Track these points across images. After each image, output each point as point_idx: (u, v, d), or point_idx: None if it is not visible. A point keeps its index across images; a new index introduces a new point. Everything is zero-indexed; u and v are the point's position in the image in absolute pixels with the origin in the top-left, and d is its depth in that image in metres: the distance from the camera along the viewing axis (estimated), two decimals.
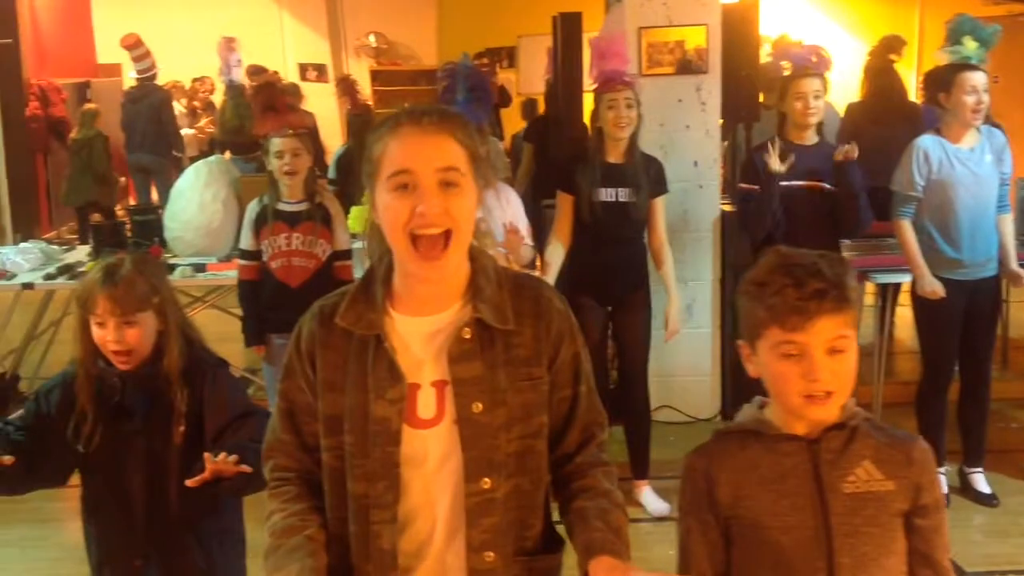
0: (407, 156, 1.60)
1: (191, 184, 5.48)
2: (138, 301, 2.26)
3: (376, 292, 1.68)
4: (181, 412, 2.31)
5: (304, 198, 4.18)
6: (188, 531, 2.37)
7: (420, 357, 1.66)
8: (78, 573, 3.75)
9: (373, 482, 1.64)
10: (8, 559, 4.17)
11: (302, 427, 1.73)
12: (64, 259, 5.58)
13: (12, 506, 4.60)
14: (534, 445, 1.69)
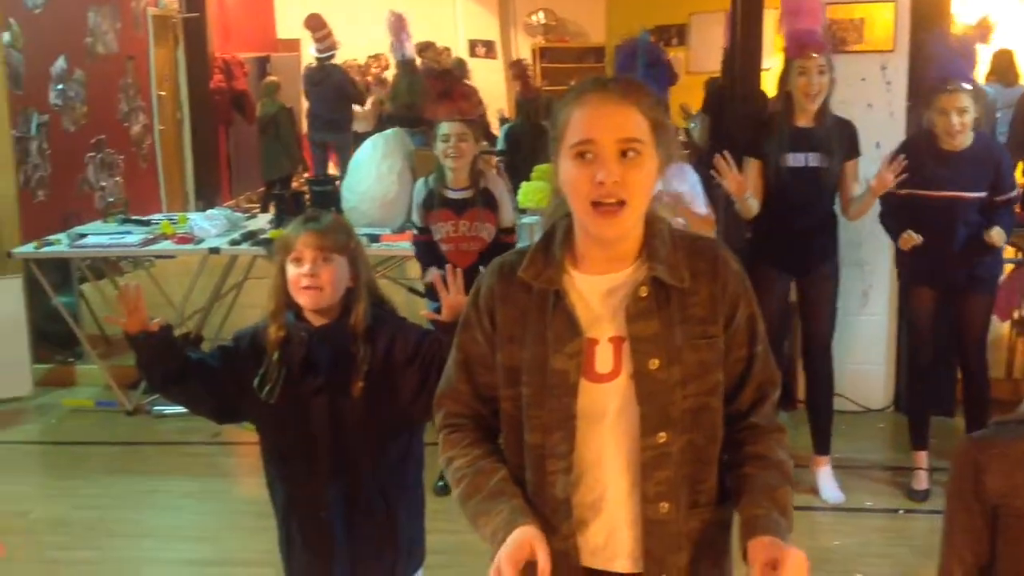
0: (590, 125, 1.64)
1: (369, 156, 5.62)
2: (336, 242, 2.35)
3: (556, 251, 1.73)
4: (362, 370, 2.36)
5: (469, 184, 4.23)
6: (373, 487, 2.42)
7: (598, 313, 1.70)
8: (255, 526, 3.96)
9: (549, 433, 1.69)
10: (187, 511, 4.39)
11: (477, 377, 1.79)
12: (247, 226, 5.81)
13: (190, 459, 4.87)
14: (709, 402, 1.71)
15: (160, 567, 3.85)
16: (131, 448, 5.05)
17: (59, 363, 6.07)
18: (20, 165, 6.84)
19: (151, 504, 4.39)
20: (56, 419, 5.45)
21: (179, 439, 5.11)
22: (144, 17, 9.55)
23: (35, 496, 4.47)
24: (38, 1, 7.62)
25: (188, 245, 5.52)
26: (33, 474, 4.81)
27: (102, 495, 4.48)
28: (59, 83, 7.95)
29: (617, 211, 1.63)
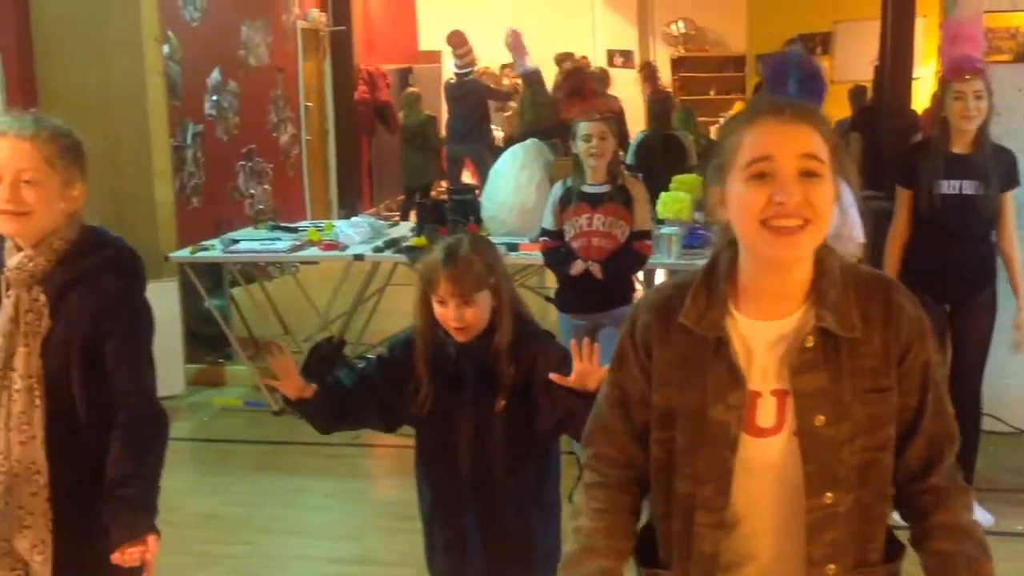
0: (767, 143, 1.54)
1: (508, 166, 5.69)
2: (476, 282, 2.36)
3: (719, 288, 1.63)
4: (506, 385, 2.40)
5: (607, 180, 4.23)
6: (510, 499, 2.46)
7: (762, 363, 1.60)
8: (396, 527, 4.06)
9: (701, 484, 1.61)
10: (331, 510, 4.51)
11: (634, 416, 1.70)
12: (390, 234, 5.95)
13: (333, 460, 5.00)
14: (879, 458, 1.61)
15: (306, 563, 3.97)
16: (277, 447, 5.23)
17: (210, 363, 6.32)
18: (176, 173, 7.16)
19: (297, 502, 4.53)
20: (207, 417, 5.68)
21: (322, 440, 5.18)
22: (294, 30, 9.88)
23: (186, 491, 4.66)
24: (195, 15, 7.97)
25: (334, 252, 5.68)
26: (185, 470, 5.01)
27: (250, 492, 4.65)
28: (214, 94, 8.29)
29: (797, 232, 1.52)
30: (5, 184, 2.00)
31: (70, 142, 2.09)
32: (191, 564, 3.90)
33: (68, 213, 2.08)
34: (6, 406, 2.07)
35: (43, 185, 2.01)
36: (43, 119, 2.08)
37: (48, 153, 2.02)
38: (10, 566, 2.12)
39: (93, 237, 2.15)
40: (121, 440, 2.09)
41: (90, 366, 2.08)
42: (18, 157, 2.00)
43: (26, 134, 2.01)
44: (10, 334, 2.07)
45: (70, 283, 2.08)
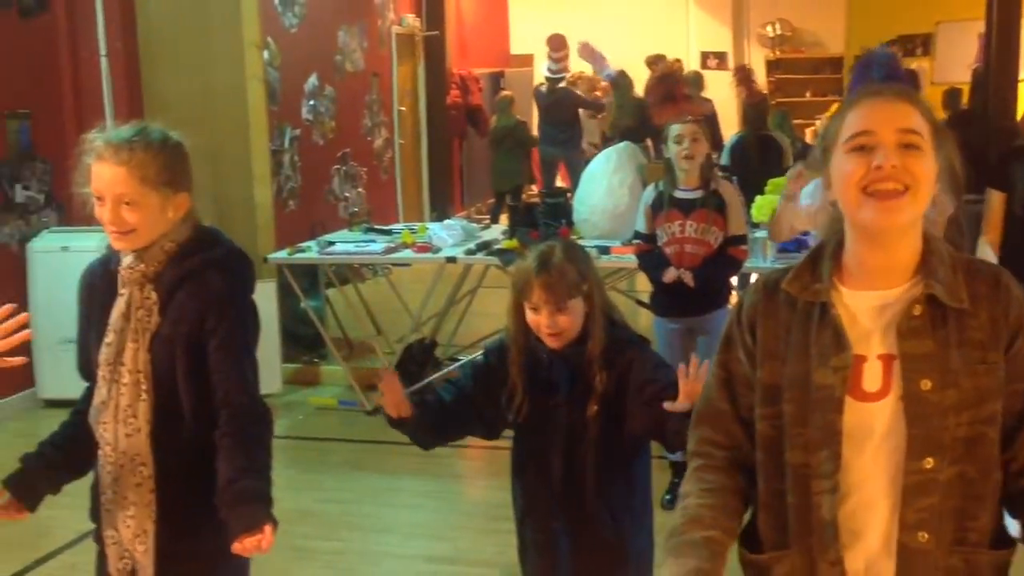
0: (866, 118, 1.59)
1: (600, 169, 5.68)
2: (569, 289, 2.37)
3: (823, 266, 1.66)
4: (598, 391, 2.40)
5: (699, 185, 4.19)
6: (600, 504, 2.45)
7: (867, 328, 1.62)
8: (487, 528, 4.08)
9: (813, 451, 1.62)
10: (424, 509, 4.56)
11: (739, 398, 1.73)
12: (482, 236, 5.98)
13: (425, 460, 4.98)
14: (986, 432, 1.59)
15: (399, 561, 4.02)
16: (371, 446, 5.29)
17: (305, 363, 6.43)
18: (274, 176, 7.31)
19: (390, 501, 4.58)
20: (303, 416, 5.78)
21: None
22: (389, 36, 10.01)
23: (283, 487, 4.66)
24: (294, 21, 8.13)
25: (427, 254, 5.74)
26: (281, 467, 5.00)
27: (344, 490, 4.72)
28: (311, 99, 8.45)
29: (897, 197, 1.55)
30: (108, 208, 2.07)
31: (168, 154, 2.13)
32: (288, 559, 3.97)
33: (173, 220, 2.14)
34: (115, 399, 2.13)
35: (142, 204, 2.07)
36: (139, 136, 2.11)
37: (143, 174, 2.07)
38: (119, 555, 2.18)
39: (205, 237, 2.21)
40: (229, 438, 2.14)
41: (194, 362, 2.14)
42: (116, 183, 2.06)
43: (122, 158, 2.06)
44: (121, 330, 2.13)
45: (178, 281, 2.14)
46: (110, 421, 2.14)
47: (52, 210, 5.99)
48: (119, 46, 6.01)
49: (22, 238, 5.77)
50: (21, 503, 2.06)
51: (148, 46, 6.11)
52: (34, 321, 6.30)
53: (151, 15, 6.08)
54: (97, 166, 2.08)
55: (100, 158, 2.07)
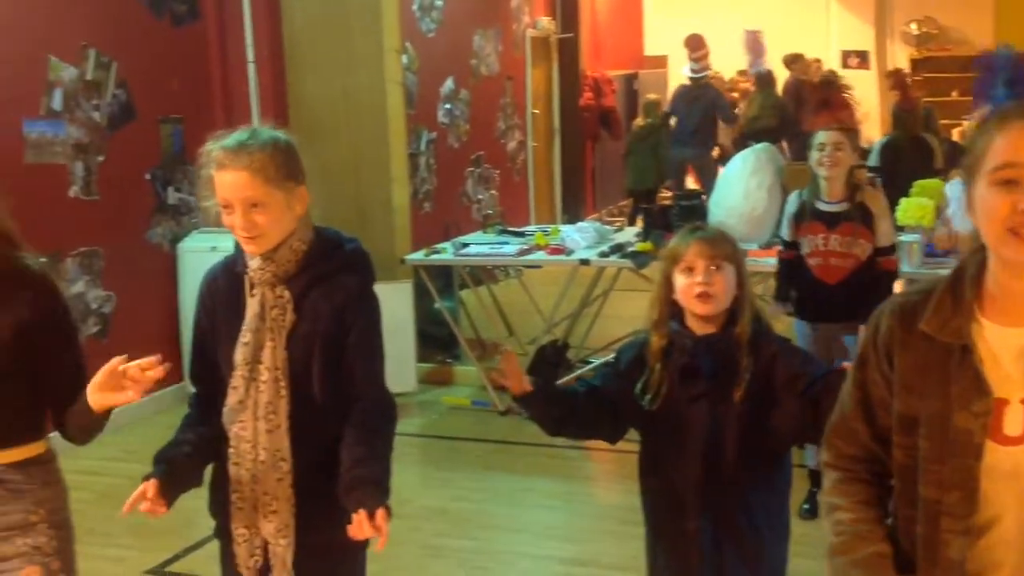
0: (1015, 147, 1.50)
1: (738, 171, 5.60)
2: (725, 250, 2.38)
3: (965, 294, 1.60)
4: (744, 378, 2.36)
5: (844, 197, 4.09)
6: (741, 502, 2.41)
7: (1009, 371, 1.56)
8: (621, 531, 4.06)
9: (947, 490, 1.58)
10: (557, 511, 4.57)
11: (876, 419, 1.69)
12: (615, 239, 5.97)
13: (557, 462, 5.06)
14: None
15: (532, 562, 4.04)
16: (503, 446, 5.34)
17: (439, 363, 6.52)
18: (410, 179, 7.43)
19: (522, 501, 4.61)
20: (436, 415, 5.87)
21: (546, 442, 5.26)
22: (523, 39, 10.07)
23: (417, 485, 4.83)
24: (431, 26, 8.26)
25: (560, 256, 5.75)
26: (415, 465, 5.19)
27: (478, 489, 4.77)
28: (447, 102, 8.57)
29: None
30: (237, 214, 2.11)
31: (282, 151, 2.17)
32: (422, 555, 4.04)
33: (299, 215, 2.19)
34: (254, 397, 2.18)
35: (269, 205, 2.12)
36: (252, 138, 2.15)
37: (266, 175, 2.11)
38: (250, 551, 2.23)
39: (330, 238, 2.27)
40: (355, 427, 2.18)
41: (330, 359, 2.19)
42: (242, 187, 2.10)
43: (243, 162, 2.10)
44: (257, 330, 2.18)
45: (312, 282, 2.20)
46: (249, 419, 2.19)
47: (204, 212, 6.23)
48: (265, 53, 6.21)
49: (173, 238, 6.01)
50: (164, 499, 2.09)
51: (293, 52, 6.29)
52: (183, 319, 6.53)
53: (296, 22, 6.26)
54: (220, 175, 2.11)
55: (221, 166, 2.11)
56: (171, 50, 5.97)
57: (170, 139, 5.99)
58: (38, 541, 2.11)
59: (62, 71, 5.26)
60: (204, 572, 3.92)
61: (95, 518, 2.12)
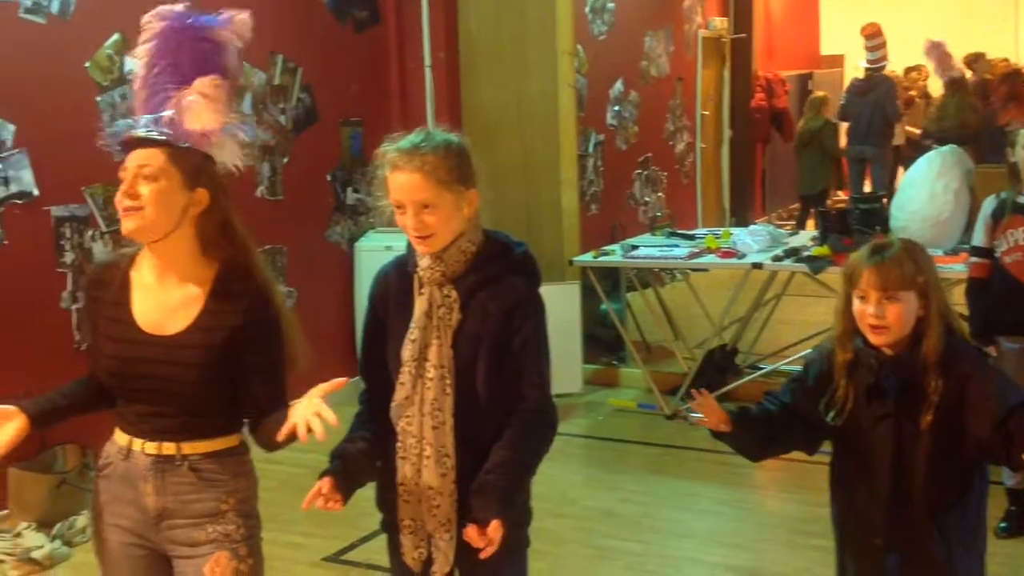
0: None
1: (923, 174, 5.39)
2: (901, 279, 2.27)
3: None
4: (933, 401, 2.28)
5: None
6: (931, 522, 2.34)
7: None
8: (792, 541, 4.00)
9: None
10: (725, 517, 4.52)
11: None
12: (789, 243, 5.84)
13: (724, 468, 4.98)
14: None
15: (701, 568, 4.00)
16: (669, 450, 5.30)
17: (605, 364, 6.52)
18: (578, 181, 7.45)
19: (690, 506, 4.57)
20: (602, 416, 5.87)
21: (713, 447, 5.18)
22: (695, 40, 9.96)
23: (583, 486, 4.84)
24: (603, 28, 8.27)
25: (732, 259, 5.66)
26: (581, 465, 5.21)
27: (645, 492, 4.75)
28: (615, 104, 8.56)
29: None
30: (409, 214, 2.17)
31: (454, 153, 2.21)
32: (590, 556, 4.05)
33: (469, 217, 2.23)
34: (420, 393, 2.23)
35: (440, 207, 2.16)
36: (425, 141, 2.20)
37: (437, 177, 2.16)
38: (415, 544, 2.28)
39: (500, 241, 2.30)
40: (510, 429, 2.21)
41: (495, 359, 2.21)
42: (413, 189, 2.15)
43: (415, 164, 2.16)
44: (424, 328, 2.23)
45: (480, 283, 2.23)
46: (415, 415, 2.23)
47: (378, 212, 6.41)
48: (442, 56, 6.34)
49: (351, 238, 6.21)
50: (340, 494, 2.14)
51: (468, 56, 6.40)
52: (359, 316, 6.71)
53: (471, 26, 6.37)
54: (393, 176, 2.18)
55: (395, 168, 2.17)
56: (352, 55, 6.17)
57: (350, 141, 6.19)
58: (227, 529, 2.20)
59: (251, 76, 5.51)
60: (379, 561, 4.05)
61: (276, 505, 2.21)
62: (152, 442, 2.18)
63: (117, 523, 2.23)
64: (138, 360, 2.17)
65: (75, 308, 4.60)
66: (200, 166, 2.17)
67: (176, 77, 2.17)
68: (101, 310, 2.24)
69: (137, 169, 2.12)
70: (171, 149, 2.14)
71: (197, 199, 2.16)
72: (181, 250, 2.18)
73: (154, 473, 2.18)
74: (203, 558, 2.19)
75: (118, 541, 2.24)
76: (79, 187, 4.60)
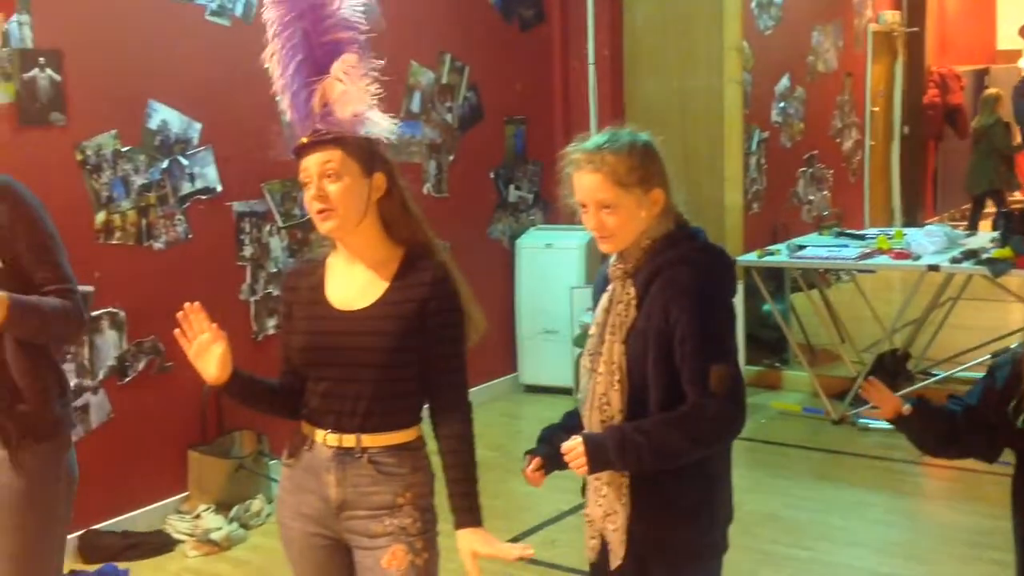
0: None
1: None
2: None
3: None
4: None
5: None
6: None
7: None
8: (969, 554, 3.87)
9: None
10: (896, 527, 4.36)
11: None
12: (967, 244, 5.60)
13: (895, 476, 4.84)
14: None
15: None
16: (836, 456, 5.16)
17: (767, 366, 6.39)
18: None
19: (858, 515, 4.43)
20: (764, 419, 5.74)
21: (883, 454, 5.10)
22: (865, 34, 9.66)
23: (746, 489, 4.70)
24: (769, 23, 8.10)
25: (906, 260, 5.46)
26: (744, 468, 5.10)
27: (810, 498, 4.63)
28: (781, 101, 8.37)
29: None
30: (591, 214, 2.19)
31: (637, 155, 2.19)
32: (755, 561, 3.97)
33: (652, 217, 2.21)
34: (592, 388, 2.24)
35: (620, 208, 2.17)
36: (609, 142, 2.20)
37: (617, 178, 2.16)
38: (589, 534, 2.30)
39: (680, 234, 2.25)
40: (672, 413, 2.16)
41: (663, 355, 2.17)
42: (594, 190, 2.18)
43: (596, 165, 2.17)
44: (602, 323, 2.25)
45: (651, 276, 2.20)
46: (587, 409, 2.25)
47: (539, 209, 6.46)
48: (606, 54, 6.33)
49: (512, 234, 6.27)
50: (542, 471, 2.23)
51: (632, 53, 6.38)
52: (518, 312, 6.81)
53: (637, 23, 6.35)
54: (577, 176, 2.20)
55: (578, 168, 2.20)
56: (517, 53, 6.22)
57: (513, 139, 6.25)
58: (404, 522, 2.23)
59: (421, 75, 5.62)
60: (540, 556, 4.07)
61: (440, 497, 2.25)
62: (334, 434, 2.24)
63: (301, 511, 2.30)
64: (328, 333, 2.23)
65: (253, 300, 4.80)
66: (371, 150, 2.22)
67: (313, 69, 2.22)
68: (298, 298, 2.31)
69: (319, 171, 2.18)
70: (342, 143, 2.19)
71: (376, 184, 2.22)
72: (368, 236, 2.24)
73: (336, 464, 2.24)
74: (381, 550, 2.23)
75: (302, 530, 2.31)
76: (259, 184, 4.79)
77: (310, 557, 2.32)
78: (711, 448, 2.22)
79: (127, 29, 4.26)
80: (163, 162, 4.41)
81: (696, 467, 2.20)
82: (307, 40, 2.23)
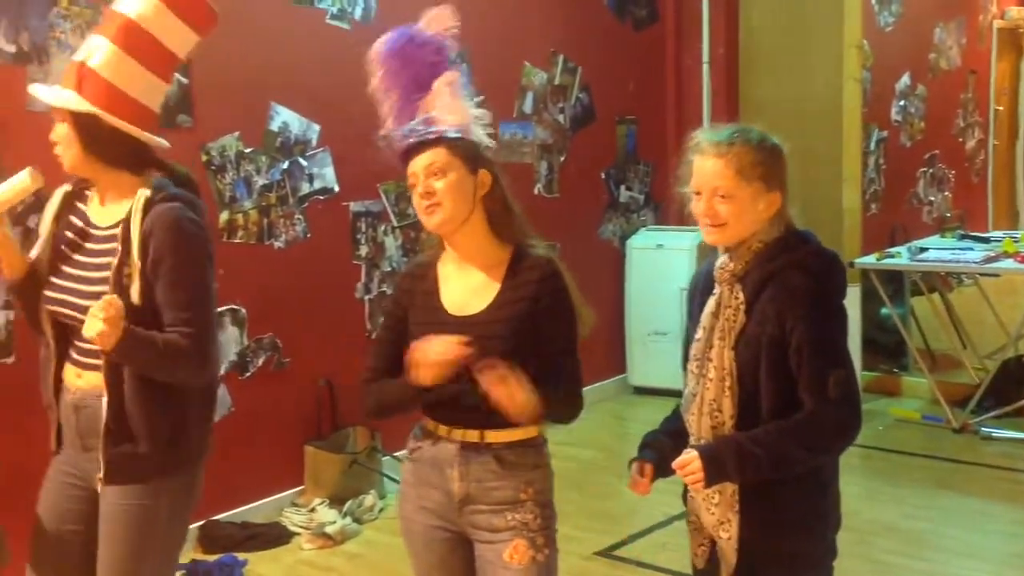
0: None
1: None
2: None
3: None
4: None
5: None
6: None
7: None
8: None
9: None
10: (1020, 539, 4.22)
11: None
12: None
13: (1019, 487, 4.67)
14: None
15: None
16: (957, 466, 5.01)
17: (884, 372, 6.24)
18: None
19: (980, 526, 4.29)
20: (882, 426, 5.61)
21: (1007, 464, 4.95)
22: (989, 30, 9.34)
23: (863, 498, 4.63)
24: (890, 20, 7.90)
25: None
26: (860, 476, 4.98)
27: (930, 508, 4.51)
28: (901, 99, 8.15)
29: None
30: (704, 200, 2.18)
31: (765, 152, 2.18)
32: (870, 571, 3.89)
33: (765, 217, 2.18)
34: (701, 392, 2.21)
35: (736, 199, 2.14)
36: (738, 132, 2.20)
37: (738, 167, 2.14)
38: (699, 542, 2.28)
39: (793, 239, 2.22)
40: (787, 420, 2.13)
41: (776, 361, 2.14)
42: (714, 175, 2.16)
43: (721, 151, 2.15)
44: (710, 327, 2.22)
45: (763, 281, 2.17)
46: (696, 413, 2.23)
47: (650, 210, 6.42)
48: (720, 53, 6.26)
49: (622, 235, 6.25)
50: (649, 479, 2.23)
51: (748, 52, 6.29)
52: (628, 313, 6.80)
53: (753, 22, 6.26)
54: (698, 161, 2.19)
55: (701, 153, 2.19)
56: (630, 53, 6.20)
57: (624, 139, 6.22)
58: (525, 518, 2.27)
59: (534, 76, 5.64)
60: (649, 559, 4.07)
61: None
62: (458, 429, 2.28)
63: (424, 505, 2.34)
64: None
65: (367, 299, 4.88)
66: (474, 149, 2.29)
67: (418, 91, 2.30)
68: (414, 300, 2.36)
69: (425, 170, 2.25)
70: (447, 142, 2.26)
71: (482, 180, 2.28)
72: (476, 235, 2.29)
73: (460, 459, 2.28)
74: (503, 544, 2.26)
75: (424, 524, 2.35)
76: (374, 184, 4.88)
77: (433, 550, 2.36)
78: (828, 456, 2.21)
79: (251, 33, 4.38)
80: (283, 163, 4.52)
81: (809, 474, 2.18)
82: (408, 67, 2.31)
